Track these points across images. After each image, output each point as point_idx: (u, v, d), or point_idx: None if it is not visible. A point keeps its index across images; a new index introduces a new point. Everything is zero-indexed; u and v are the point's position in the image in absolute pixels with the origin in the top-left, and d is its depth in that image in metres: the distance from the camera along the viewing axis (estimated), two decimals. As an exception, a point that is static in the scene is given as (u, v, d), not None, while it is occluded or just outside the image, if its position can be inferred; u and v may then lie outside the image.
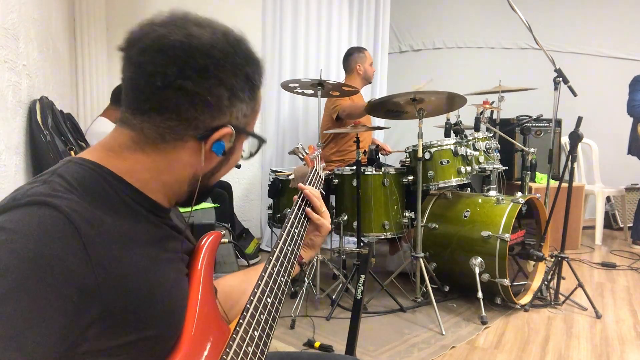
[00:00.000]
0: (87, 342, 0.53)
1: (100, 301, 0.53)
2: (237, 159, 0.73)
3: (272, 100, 3.65)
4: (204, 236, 0.74)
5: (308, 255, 0.98)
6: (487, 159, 2.63)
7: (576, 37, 4.44)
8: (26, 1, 1.90)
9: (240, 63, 0.64)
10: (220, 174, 0.72)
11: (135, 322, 0.57)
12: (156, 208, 0.66)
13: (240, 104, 0.65)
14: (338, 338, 2.09)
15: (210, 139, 0.64)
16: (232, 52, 0.63)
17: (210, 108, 0.62)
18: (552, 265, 2.50)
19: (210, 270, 0.71)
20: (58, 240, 0.51)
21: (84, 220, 0.54)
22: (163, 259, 0.64)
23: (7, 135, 1.68)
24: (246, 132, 0.69)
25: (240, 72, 0.64)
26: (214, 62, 0.61)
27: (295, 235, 0.87)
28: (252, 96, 0.67)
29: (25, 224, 0.51)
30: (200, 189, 0.69)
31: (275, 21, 3.62)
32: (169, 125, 0.62)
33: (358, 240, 2.58)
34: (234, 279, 0.90)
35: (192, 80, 0.60)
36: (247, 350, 0.63)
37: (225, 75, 0.62)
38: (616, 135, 4.12)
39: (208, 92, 0.61)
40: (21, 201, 0.53)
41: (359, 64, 3.26)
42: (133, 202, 0.63)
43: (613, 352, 2.00)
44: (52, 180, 0.57)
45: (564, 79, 2.55)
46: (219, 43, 0.62)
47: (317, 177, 1.12)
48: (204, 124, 0.63)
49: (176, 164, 0.65)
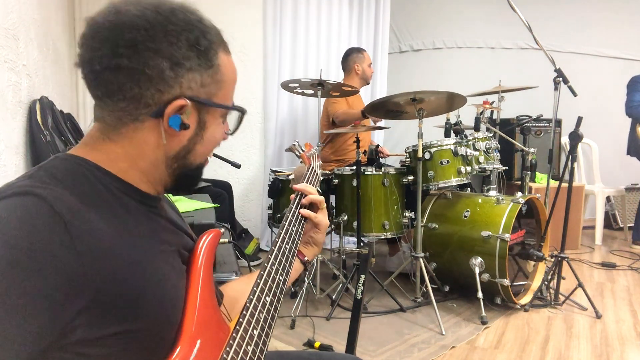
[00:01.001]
0: (77, 330, 0.53)
1: (88, 290, 0.53)
2: (215, 133, 0.69)
3: (272, 100, 3.65)
4: (203, 234, 0.74)
5: (311, 253, 0.96)
6: (487, 159, 2.63)
7: (576, 37, 4.44)
8: (26, 1, 1.90)
9: (175, 30, 0.60)
10: (198, 152, 0.68)
11: (124, 313, 0.57)
12: (145, 197, 0.66)
13: (189, 74, 0.62)
14: (338, 338, 2.09)
15: (165, 114, 0.62)
16: (163, 20, 0.60)
17: (152, 81, 0.60)
18: (552, 265, 2.50)
19: (210, 268, 0.71)
20: (43, 228, 0.51)
21: (68, 209, 0.54)
22: (155, 250, 0.64)
23: (7, 135, 1.68)
24: (209, 103, 0.65)
25: (178, 39, 0.61)
26: (142, 34, 0.59)
27: (293, 233, 0.87)
28: (206, 63, 0.63)
29: (10, 213, 0.52)
30: (182, 170, 0.68)
31: (275, 21, 3.62)
32: (121, 107, 0.61)
33: (358, 240, 2.58)
34: (240, 283, 0.90)
35: (125, 57, 0.59)
36: (247, 349, 0.63)
37: (160, 45, 0.59)
38: (616, 135, 4.12)
39: (145, 65, 0.59)
40: (6, 193, 0.54)
41: (357, 64, 3.26)
42: (121, 193, 0.63)
43: (613, 352, 1.99)
44: (37, 174, 0.58)
45: (564, 79, 2.55)
46: (147, 14, 0.60)
47: (314, 175, 1.12)
48: (153, 100, 0.61)
49: (145, 147, 0.64)
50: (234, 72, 0.69)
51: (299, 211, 0.93)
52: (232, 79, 0.69)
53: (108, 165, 0.63)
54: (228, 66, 0.68)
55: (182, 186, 0.71)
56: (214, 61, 0.65)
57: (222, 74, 0.66)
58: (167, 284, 0.63)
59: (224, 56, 0.67)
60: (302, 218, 0.93)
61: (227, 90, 0.68)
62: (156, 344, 0.61)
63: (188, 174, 0.69)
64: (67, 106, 2.75)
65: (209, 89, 0.65)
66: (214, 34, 0.65)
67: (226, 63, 0.67)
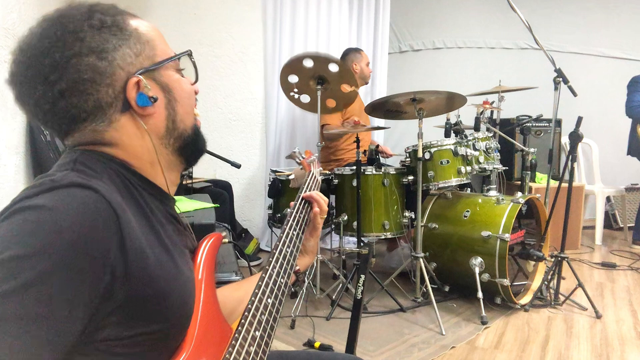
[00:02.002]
0: (107, 328, 0.53)
1: (126, 288, 0.53)
2: (183, 87, 0.68)
3: (273, 100, 3.65)
4: (205, 238, 0.74)
5: (303, 263, 0.97)
6: (487, 159, 2.63)
7: (576, 37, 4.44)
8: (26, 1, 1.90)
9: (76, 26, 0.59)
10: (181, 113, 0.68)
11: (152, 313, 0.57)
12: (164, 197, 0.67)
13: (118, 52, 0.61)
14: (338, 338, 2.09)
15: (129, 100, 0.62)
16: (61, 26, 0.59)
17: (96, 82, 0.60)
18: (552, 265, 2.50)
19: (212, 270, 0.71)
20: (100, 223, 0.51)
21: (119, 206, 0.54)
22: (176, 252, 0.65)
23: (7, 135, 1.68)
24: (155, 65, 0.64)
25: (84, 32, 0.59)
26: (54, 49, 0.58)
27: (294, 237, 0.88)
28: (123, 35, 0.62)
29: (69, 205, 0.51)
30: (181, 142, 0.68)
31: (275, 21, 3.61)
32: (93, 125, 0.61)
33: (358, 240, 2.58)
34: (228, 289, 0.90)
35: (59, 80, 0.58)
36: (249, 350, 0.63)
37: (74, 47, 0.59)
38: (616, 136, 4.12)
39: (79, 73, 0.59)
40: (62, 182, 0.53)
41: (355, 63, 3.27)
42: (144, 190, 0.63)
43: (613, 352, 2.00)
44: (78, 167, 0.57)
45: (564, 79, 2.55)
46: (46, 31, 0.59)
47: (314, 181, 1.13)
48: (110, 96, 0.61)
49: (135, 141, 0.64)
50: (153, 28, 0.68)
51: (304, 195, 0.97)
52: (156, 34, 0.68)
53: (129, 162, 0.63)
54: (143, 26, 0.66)
55: (191, 156, 0.71)
56: (129, 29, 0.64)
57: (144, 35, 0.65)
58: (189, 284, 0.64)
59: (134, 20, 0.66)
60: (304, 223, 0.93)
61: (161, 45, 0.67)
62: (170, 343, 0.61)
63: (188, 140, 0.69)
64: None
65: (145, 54, 0.64)
66: (110, 8, 0.64)
67: (140, 25, 0.66)
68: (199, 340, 0.63)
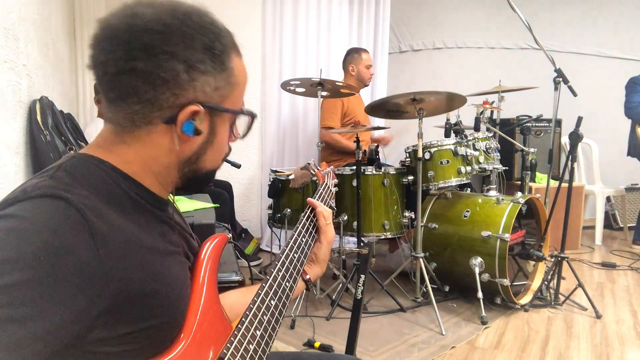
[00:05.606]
0: (96, 330, 0.54)
1: (109, 292, 0.54)
2: (225, 139, 0.69)
3: (273, 101, 3.65)
4: (209, 238, 0.75)
5: (314, 272, 0.94)
6: (487, 159, 2.63)
7: (576, 37, 4.44)
8: (26, 1, 1.90)
9: (191, 33, 0.60)
10: (209, 157, 0.68)
11: (140, 313, 0.58)
12: (157, 201, 0.67)
13: (204, 77, 0.62)
14: (338, 338, 2.09)
15: (178, 120, 0.62)
16: (179, 23, 0.60)
17: (168, 84, 0.60)
18: (552, 265, 2.50)
19: (214, 270, 0.72)
20: (69, 232, 0.52)
21: (94, 213, 0.55)
22: (167, 252, 0.65)
23: (7, 135, 1.68)
24: (221, 108, 0.65)
25: (194, 42, 0.61)
26: (159, 37, 0.59)
27: (303, 244, 0.87)
28: (220, 67, 0.63)
29: (39, 214, 0.52)
30: (192, 175, 0.68)
31: (275, 21, 3.62)
32: (135, 109, 0.61)
33: (358, 240, 2.58)
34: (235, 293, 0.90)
35: (140, 59, 0.59)
36: (247, 348, 0.63)
37: (175, 49, 0.59)
38: (616, 136, 4.12)
39: (160, 69, 0.59)
40: (32, 193, 0.54)
41: (352, 65, 3.26)
42: (136, 195, 0.63)
43: (613, 352, 2.00)
44: (58, 175, 0.58)
45: (564, 79, 2.55)
46: (164, 17, 0.60)
47: (328, 192, 1.13)
48: (167, 103, 0.61)
49: (158, 151, 0.64)
50: (246, 75, 0.70)
51: (308, 200, 0.96)
52: (243, 82, 0.69)
53: (124, 167, 0.63)
54: (240, 69, 0.68)
55: (191, 189, 0.72)
56: (228, 64, 0.65)
57: (235, 77, 0.67)
58: (178, 284, 0.64)
59: (237, 59, 0.67)
60: (313, 231, 0.93)
61: (239, 93, 0.69)
62: (164, 338, 0.62)
63: (198, 178, 0.70)
64: (67, 106, 2.75)
65: (222, 92, 0.65)
66: (228, 37, 0.65)
67: (238, 66, 0.67)
68: (196, 335, 0.63)
